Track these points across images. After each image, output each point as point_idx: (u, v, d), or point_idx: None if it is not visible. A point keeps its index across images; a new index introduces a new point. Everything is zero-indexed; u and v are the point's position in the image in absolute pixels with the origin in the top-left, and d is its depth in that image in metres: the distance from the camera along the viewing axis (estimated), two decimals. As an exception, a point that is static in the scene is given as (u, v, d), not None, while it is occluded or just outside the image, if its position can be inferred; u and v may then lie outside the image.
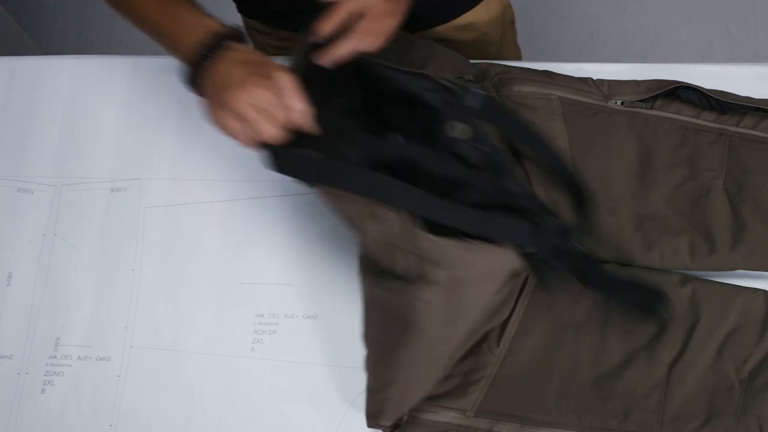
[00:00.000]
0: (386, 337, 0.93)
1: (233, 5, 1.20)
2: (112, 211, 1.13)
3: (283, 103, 0.84)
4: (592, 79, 1.09)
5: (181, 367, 1.06)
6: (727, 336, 0.96)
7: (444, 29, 1.20)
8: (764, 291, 0.99)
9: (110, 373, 1.07)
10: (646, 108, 1.06)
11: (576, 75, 1.10)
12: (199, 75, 0.88)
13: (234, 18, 1.06)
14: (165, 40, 0.94)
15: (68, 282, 1.12)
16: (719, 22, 2.14)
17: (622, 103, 1.07)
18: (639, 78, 1.09)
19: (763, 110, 1.05)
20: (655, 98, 1.07)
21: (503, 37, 1.32)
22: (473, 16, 1.21)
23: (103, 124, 1.19)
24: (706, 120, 1.06)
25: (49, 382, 1.08)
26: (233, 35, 0.89)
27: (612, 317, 0.98)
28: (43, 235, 1.14)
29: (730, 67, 1.14)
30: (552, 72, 1.10)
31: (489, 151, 0.94)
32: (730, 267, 1.00)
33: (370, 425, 0.96)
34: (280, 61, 0.90)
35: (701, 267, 1.00)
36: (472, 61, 1.13)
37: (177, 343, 1.07)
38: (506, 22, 1.31)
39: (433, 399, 0.96)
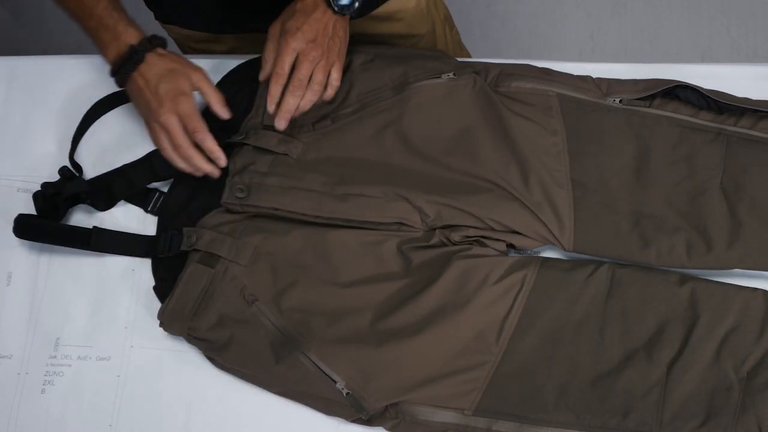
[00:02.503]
0: (263, 361, 1.00)
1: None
2: (113, 211, 1.13)
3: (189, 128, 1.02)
4: (591, 77, 1.10)
5: (181, 367, 1.06)
6: (726, 335, 0.96)
7: (362, 22, 1.16)
8: (763, 290, 0.99)
9: (110, 373, 1.08)
10: (644, 106, 1.06)
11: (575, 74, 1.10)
12: (123, 84, 1.04)
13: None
14: (87, 36, 1.06)
15: (68, 282, 1.12)
16: (719, 22, 2.14)
17: (620, 101, 1.07)
18: (638, 78, 1.09)
19: (760, 111, 1.05)
20: (653, 97, 1.07)
21: (437, 33, 1.29)
22: (393, 5, 1.17)
23: (103, 124, 1.19)
24: (704, 119, 1.06)
25: (49, 382, 1.08)
26: (147, 45, 1.02)
27: (611, 316, 0.99)
28: (43, 235, 1.14)
29: (730, 67, 1.14)
30: (551, 69, 1.10)
31: None
32: (726, 266, 1.00)
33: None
34: (198, 62, 1.07)
35: (698, 265, 1.00)
36: (461, 60, 1.13)
37: (177, 343, 1.07)
38: (437, 15, 1.28)
39: (431, 398, 0.97)
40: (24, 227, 1.10)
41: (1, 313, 1.12)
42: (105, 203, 1.13)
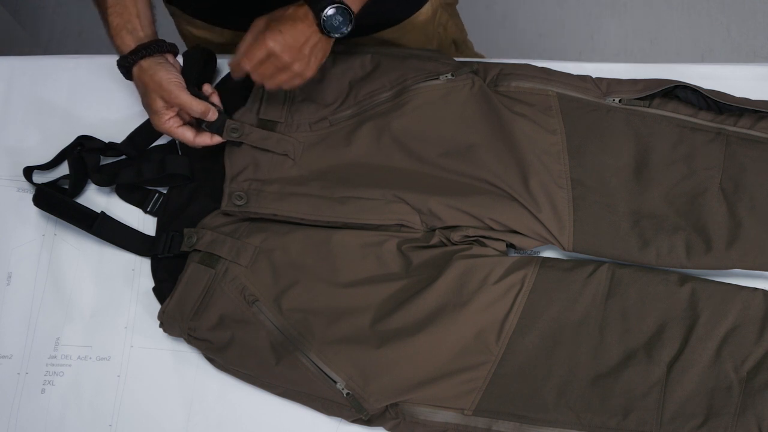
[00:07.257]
0: (263, 361, 1.00)
1: None
2: (113, 211, 1.13)
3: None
4: (590, 76, 1.10)
5: (181, 367, 1.06)
6: (726, 335, 0.96)
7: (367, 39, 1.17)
8: (763, 290, 0.99)
9: (110, 373, 1.08)
10: (644, 106, 1.07)
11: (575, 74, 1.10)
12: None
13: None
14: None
15: (68, 282, 1.12)
16: (719, 22, 2.14)
17: (620, 101, 1.07)
18: (638, 78, 1.09)
19: (760, 112, 1.05)
20: (652, 97, 1.07)
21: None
22: (394, 33, 1.18)
23: (103, 123, 1.19)
24: (704, 119, 1.06)
25: (49, 382, 1.08)
26: (128, 59, 1.03)
27: (611, 316, 0.99)
28: (43, 235, 1.14)
29: (730, 67, 1.14)
30: (550, 69, 1.11)
31: None
32: (726, 266, 1.00)
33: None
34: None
35: (697, 265, 1.00)
36: (460, 60, 1.13)
37: (177, 343, 1.07)
38: (444, 38, 1.27)
39: (431, 398, 0.97)
40: (41, 196, 1.11)
41: (1, 313, 1.12)
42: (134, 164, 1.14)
